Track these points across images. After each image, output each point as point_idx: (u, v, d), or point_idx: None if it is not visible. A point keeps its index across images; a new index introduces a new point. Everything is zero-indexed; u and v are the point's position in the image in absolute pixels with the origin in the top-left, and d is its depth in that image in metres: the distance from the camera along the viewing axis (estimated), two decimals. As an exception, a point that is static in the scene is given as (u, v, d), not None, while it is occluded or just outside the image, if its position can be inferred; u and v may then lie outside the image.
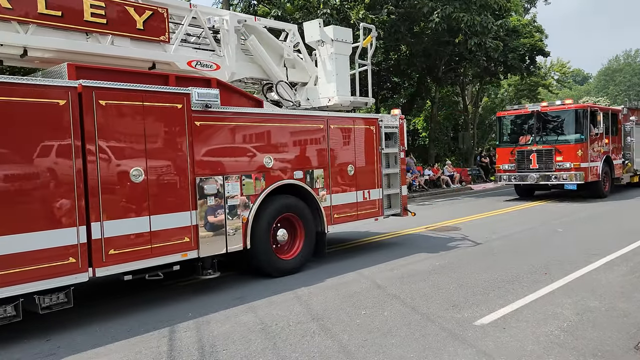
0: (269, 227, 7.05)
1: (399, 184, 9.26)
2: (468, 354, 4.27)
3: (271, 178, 7.09)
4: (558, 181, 15.37)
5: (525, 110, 16.51)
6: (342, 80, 8.77)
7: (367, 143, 8.64)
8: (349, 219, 8.25)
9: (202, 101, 6.22)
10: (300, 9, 19.46)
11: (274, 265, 7.13)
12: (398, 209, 9.27)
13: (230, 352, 4.52)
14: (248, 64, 8.31)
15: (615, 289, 6.01)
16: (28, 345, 4.91)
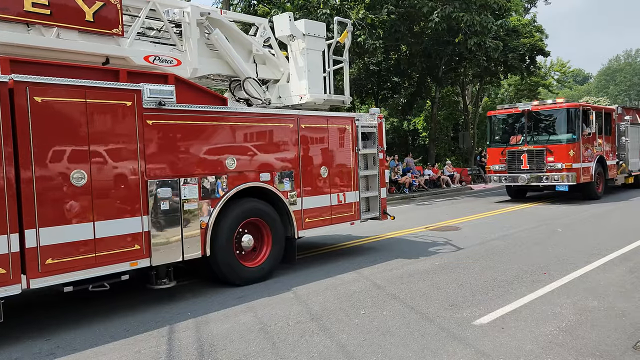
0: (232, 233, 6.65)
1: (377, 186, 8.84)
2: (467, 353, 4.28)
3: (234, 180, 6.67)
4: (549, 182, 15.06)
5: (516, 109, 16.14)
6: (314, 77, 8.32)
7: (343, 143, 8.25)
8: (322, 223, 7.85)
9: (154, 98, 5.81)
10: (300, 9, 19.45)
11: (237, 274, 6.73)
12: (377, 213, 8.85)
13: (229, 352, 4.53)
14: (213, 60, 7.85)
15: (615, 288, 6.01)
16: (28, 345, 4.92)
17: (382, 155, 9.04)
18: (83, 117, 5.30)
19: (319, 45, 8.49)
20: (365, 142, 8.76)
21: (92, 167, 5.34)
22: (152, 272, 6.02)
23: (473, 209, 14.98)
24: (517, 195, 17.01)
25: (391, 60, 26.58)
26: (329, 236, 8.35)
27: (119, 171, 5.56)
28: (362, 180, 8.68)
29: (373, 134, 8.85)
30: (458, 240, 9.66)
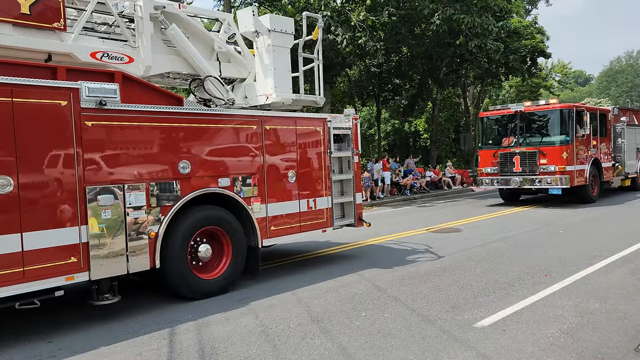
0: (186, 243, 6.18)
1: (352, 191, 8.39)
2: (468, 356, 4.27)
3: (188, 186, 6.19)
4: (542, 185, 14.64)
5: (508, 110, 15.72)
6: (281, 75, 7.79)
7: (313, 146, 7.79)
8: (290, 231, 7.37)
9: (94, 97, 5.35)
10: (301, 11, 19.47)
11: (192, 286, 6.26)
12: (352, 219, 8.40)
13: (230, 354, 4.52)
14: (170, 57, 7.28)
15: (616, 291, 5.99)
16: (29, 347, 4.92)
17: (358, 158, 8.61)
18: (8, 117, 4.85)
19: (286, 41, 7.94)
20: (340, 144, 8.37)
21: (19, 172, 4.88)
22: (93, 286, 5.50)
23: (474, 210, 14.97)
24: (510, 198, 16.67)
25: (392, 62, 26.59)
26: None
27: (52, 177, 5.11)
28: (336, 185, 8.28)
29: (347, 136, 8.42)
30: (459, 241, 9.65)
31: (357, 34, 18.82)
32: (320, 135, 7.93)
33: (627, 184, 18.17)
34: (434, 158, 27.86)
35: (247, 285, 6.96)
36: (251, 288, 6.82)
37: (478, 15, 19.46)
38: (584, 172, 14.97)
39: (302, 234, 7.62)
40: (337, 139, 8.34)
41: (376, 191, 19.24)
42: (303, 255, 8.98)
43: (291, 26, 8.08)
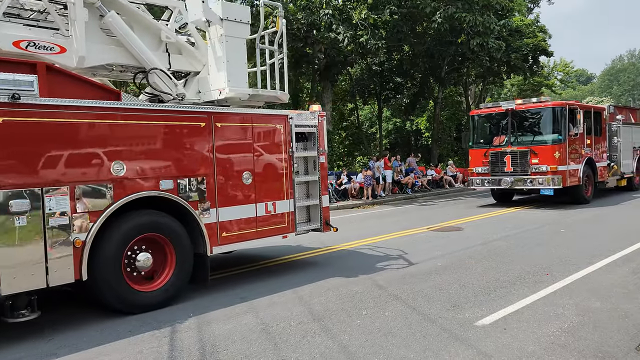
0: (120, 252, 5.60)
1: (318, 194, 7.92)
2: (469, 354, 4.27)
3: (123, 190, 5.61)
4: (534, 186, 14.21)
5: (499, 108, 15.21)
6: (235, 68, 7.14)
7: (272, 145, 7.25)
8: (245, 237, 6.85)
9: (6, 90, 4.85)
10: (303, 10, 19.47)
11: (126, 300, 5.68)
12: (318, 224, 7.91)
13: (231, 353, 4.53)
14: (109, 47, 6.57)
15: (618, 289, 5.98)
16: (30, 345, 4.93)
17: (324, 158, 8.08)
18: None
19: (240, 31, 7.28)
20: (305, 143, 7.91)
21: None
22: (7, 302, 4.98)
23: (472, 210, 14.96)
24: (502, 198, 16.26)
25: (394, 61, 26.57)
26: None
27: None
28: (301, 187, 7.84)
29: (313, 134, 7.91)
30: (460, 240, 9.64)
31: (358, 32, 18.81)
32: (281, 134, 7.38)
33: (623, 184, 17.74)
34: (436, 157, 27.84)
35: (248, 284, 6.97)
36: (251, 286, 6.82)
37: (480, 13, 19.44)
38: (577, 172, 14.58)
39: (259, 240, 7.08)
40: (302, 138, 7.88)
41: (377, 190, 19.24)
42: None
43: (247, 15, 7.44)
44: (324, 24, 19.23)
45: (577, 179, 14.55)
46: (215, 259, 7.78)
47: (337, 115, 29.81)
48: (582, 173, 14.74)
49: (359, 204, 18.05)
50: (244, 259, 8.61)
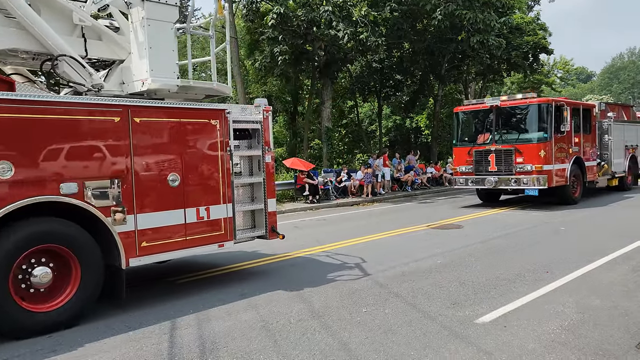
0: (8, 267, 4.84)
1: (263, 197, 7.21)
2: (469, 352, 4.27)
3: (9, 194, 4.84)
4: (518, 186, 13.64)
5: (483, 105, 14.61)
6: (160, 56, 6.33)
7: (206, 143, 6.48)
8: (171, 246, 6.07)
9: None
10: (303, 6, 19.41)
11: (15, 322, 4.91)
12: (262, 230, 7.24)
13: (231, 349, 4.53)
14: (9, 31, 5.83)
15: (618, 287, 5.99)
16: (30, 341, 4.92)
17: (270, 158, 7.35)
18: None
19: (166, 14, 6.48)
20: (249, 141, 7.30)
21: None
22: None
23: (475, 207, 14.96)
24: (489, 198, 15.74)
25: (394, 58, 26.53)
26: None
27: None
28: (244, 190, 7.24)
29: (257, 131, 7.20)
30: (459, 238, 9.64)
31: (358, 29, 18.76)
32: (217, 130, 6.59)
33: (614, 183, 17.19)
34: (435, 154, 27.82)
35: (248, 281, 6.97)
36: (251, 283, 6.82)
37: (480, 11, 19.41)
38: (564, 172, 14.03)
39: (189, 249, 6.32)
40: (245, 135, 7.23)
41: (377, 187, 19.24)
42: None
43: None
44: (323, 20, 19.18)
45: (564, 179, 14.02)
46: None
47: (336, 112, 29.77)
48: (570, 173, 14.21)
49: (358, 201, 18.05)
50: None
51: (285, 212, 16.04)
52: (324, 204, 17.53)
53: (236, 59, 22.36)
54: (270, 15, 19.14)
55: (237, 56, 22.39)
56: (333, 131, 23.36)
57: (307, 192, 17.76)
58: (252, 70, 27.28)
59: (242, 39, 25.58)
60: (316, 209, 16.84)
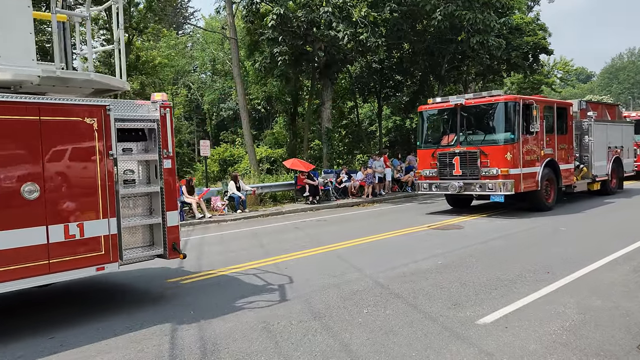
0: None
1: (161, 210, 6.12)
2: (470, 353, 4.26)
3: None
4: (483, 191, 12.56)
5: (447, 103, 13.50)
6: (9, 38, 5.16)
7: (77, 145, 5.43)
8: (26, 273, 5.00)
9: None
10: (303, 7, 19.42)
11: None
12: (160, 249, 6.16)
13: (232, 351, 4.52)
14: None
15: (619, 288, 5.99)
16: (32, 342, 4.92)
17: (171, 163, 6.24)
18: None
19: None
20: (145, 143, 6.21)
21: None
22: None
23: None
24: (459, 204, 14.73)
25: (394, 59, 26.53)
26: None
27: None
28: (137, 202, 6.15)
29: (153, 131, 6.15)
30: (460, 238, 9.63)
31: (358, 30, 18.77)
32: (94, 131, 5.57)
33: (595, 187, 15.94)
34: (435, 155, 27.77)
35: (249, 283, 6.96)
36: (251, 285, 6.81)
37: (480, 11, 19.42)
38: (535, 176, 12.86)
39: (54, 275, 5.22)
40: (139, 136, 6.19)
41: (377, 188, 19.23)
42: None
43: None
44: (323, 21, 19.19)
45: (534, 184, 12.87)
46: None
47: (337, 113, 29.75)
48: (542, 177, 13.04)
49: (359, 202, 18.05)
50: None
51: (285, 213, 16.04)
52: (324, 204, 17.53)
53: (236, 60, 22.39)
54: (270, 16, 19.14)
55: (237, 57, 22.41)
56: (333, 132, 23.37)
57: (307, 192, 17.76)
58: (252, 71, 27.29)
59: (242, 40, 25.58)
60: (316, 209, 16.83)
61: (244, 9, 22.03)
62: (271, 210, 16.61)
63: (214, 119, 43.77)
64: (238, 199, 16.17)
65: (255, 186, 17.84)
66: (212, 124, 43.97)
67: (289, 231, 11.97)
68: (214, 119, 43.75)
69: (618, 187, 17.32)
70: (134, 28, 25.20)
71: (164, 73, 33.42)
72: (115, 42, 6.40)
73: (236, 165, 29.50)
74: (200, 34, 43.94)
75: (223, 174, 29.51)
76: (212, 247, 10.19)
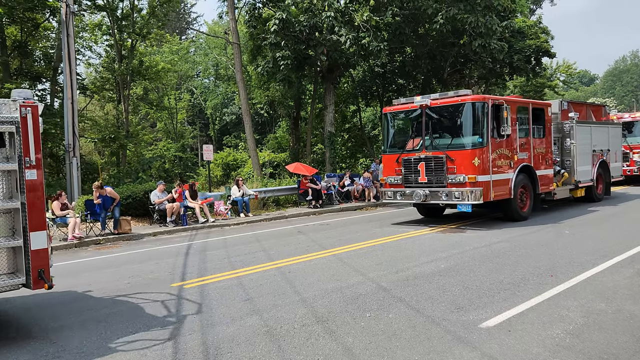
0: None
1: (22, 230, 5.20)
2: (473, 357, 4.25)
3: None
4: (450, 200, 11.47)
5: (412, 105, 12.41)
6: None
7: None
8: None
9: None
10: (306, 12, 19.49)
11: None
12: (22, 277, 5.24)
13: (235, 355, 4.52)
14: None
15: (623, 291, 5.96)
16: (34, 348, 4.93)
17: (36, 174, 5.25)
18: None
19: None
20: (4, 150, 5.23)
21: None
22: None
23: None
24: (430, 213, 13.72)
25: (396, 62, 26.58)
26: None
27: None
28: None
29: (12, 135, 5.19)
30: (463, 242, 9.61)
31: (360, 34, 18.82)
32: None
33: (579, 194, 14.86)
34: (438, 158, 27.75)
35: (251, 286, 6.96)
36: (254, 289, 6.81)
37: (482, 14, 19.44)
38: (507, 183, 11.85)
39: None
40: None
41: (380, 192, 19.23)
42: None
43: None
44: (326, 26, 19.26)
45: (506, 191, 11.82)
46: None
47: (339, 117, 29.81)
48: (515, 184, 12.00)
49: (362, 205, 18.05)
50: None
51: (288, 217, 16.05)
52: (327, 208, 17.54)
53: (239, 64, 22.48)
54: (272, 21, 19.22)
55: (239, 62, 22.50)
56: (336, 136, 23.42)
57: (310, 196, 17.77)
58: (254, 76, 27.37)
59: (245, 44, 25.68)
60: (319, 213, 16.84)
61: (246, 14, 22.14)
62: (274, 214, 16.63)
63: (217, 123, 43.91)
64: (241, 203, 16.20)
65: (258, 190, 17.87)
66: (215, 128, 44.10)
67: (291, 235, 11.97)
68: (217, 123, 43.90)
69: (605, 193, 16.33)
70: (137, 34, 25.34)
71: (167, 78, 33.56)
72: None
73: (239, 169, 29.56)
74: (203, 39, 44.14)
75: (226, 179, 29.59)
76: (216, 251, 10.20)
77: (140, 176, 24.72)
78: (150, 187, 15.63)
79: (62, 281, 8.00)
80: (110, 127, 26.28)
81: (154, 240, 12.64)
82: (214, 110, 43.02)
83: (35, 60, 23.66)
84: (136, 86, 30.61)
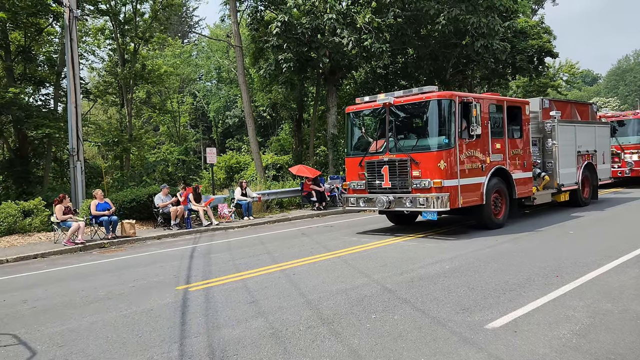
0: None
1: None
2: (480, 357, 4.24)
3: None
4: (414, 206, 10.44)
5: (375, 103, 11.48)
6: None
7: None
8: None
9: None
10: (307, 14, 19.53)
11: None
12: None
13: (241, 357, 4.52)
14: None
15: (629, 291, 5.94)
16: (40, 352, 4.94)
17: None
18: None
19: None
20: None
21: None
22: None
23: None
24: (401, 221, 12.85)
25: (398, 64, 26.61)
26: None
27: None
28: None
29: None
30: (467, 243, 9.59)
31: (362, 35, 18.84)
32: None
33: (563, 199, 13.95)
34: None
35: (259, 286, 6.97)
36: (261, 290, 6.82)
37: (484, 15, 19.45)
38: (479, 187, 10.87)
39: None
40: None
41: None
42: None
43: None
44: (328, 28, 19.28)
45: (478, 197, 10.85)
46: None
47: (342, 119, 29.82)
48: (488, 188, 11.03)
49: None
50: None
51: (292, 219, 16.06)
52: (331, 210, 17.53)
53: (241, 67, 22.53)
54: (274, 24, 19.27)
55: (242, 65, 22.56)
56: (339, 138, 23.44)
57: (313, 198, 17.78)
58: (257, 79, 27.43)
59: (247, 47, 25.74)
60: (323, 215, 16.84)
61: (248, 17, 22.21)
62: (278, 216, 16.64)
63: (220, 126, 44.01)
64: (245, 205, 16.22)
65: (262, 193, 17.90)
66: (217, 131, 44.19)
67: (295, 237, 11.98)
68: (219, 126, 43.99)
69: (592, 196, 15.25)
70: (140, 37, 25.44)
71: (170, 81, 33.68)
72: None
73: (242, 172, 29.60)
74: (205, 43, 44.27)
75: (229, 181, 29.64)
76: (220, 254, 10.21)
77: (144, 179, 24.80)
78: (154, 190, 15.67)
79: (66, 284, 8.04)
80: (113, 130, 26.40)
81: (159, 243, 12.66)
82: (217, 113, 43.12)
83: (38, 65, 23.76)
84: (139, 90, 30.72)
